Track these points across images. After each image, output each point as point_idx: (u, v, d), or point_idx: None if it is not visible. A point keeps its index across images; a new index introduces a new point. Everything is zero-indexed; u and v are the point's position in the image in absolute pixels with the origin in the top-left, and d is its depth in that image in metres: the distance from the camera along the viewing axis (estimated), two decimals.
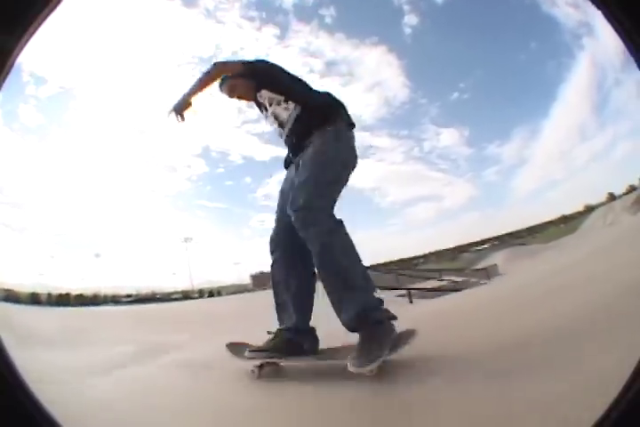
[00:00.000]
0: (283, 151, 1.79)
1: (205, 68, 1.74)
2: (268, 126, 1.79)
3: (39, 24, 0.59)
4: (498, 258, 13.36)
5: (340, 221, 1.42)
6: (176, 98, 1.68)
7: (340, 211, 1.54)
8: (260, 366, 1.46)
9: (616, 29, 0.57)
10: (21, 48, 0.57)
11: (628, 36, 0.56)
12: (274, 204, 1.74)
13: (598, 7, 0.57)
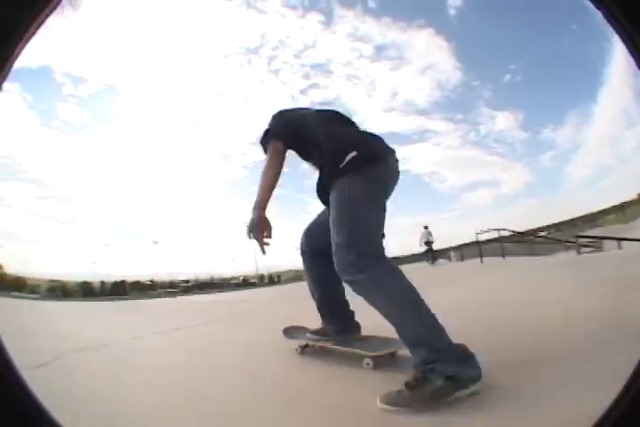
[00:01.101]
0: None
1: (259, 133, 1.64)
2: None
3: (39, 24, 0.59)
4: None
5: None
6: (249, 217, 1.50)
7: (398, 196, 1.54)
8: (304, 346, 1.84)
9: (616, 29, 0.56)
10: (22, 47, 0.57)
11: (628, 36, 0.56)
12: None
13: (598, 7, 0.57)
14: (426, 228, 12.32)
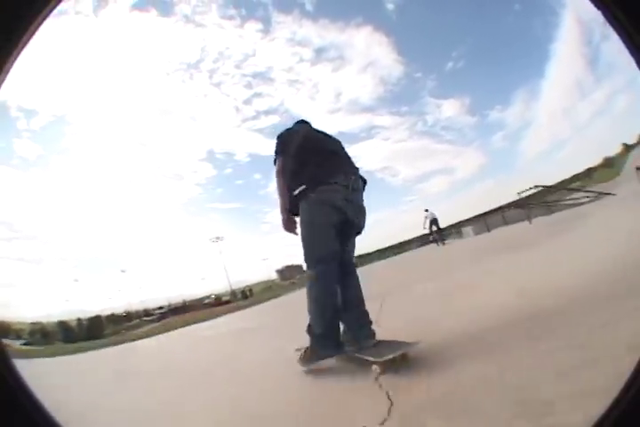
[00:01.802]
0: None
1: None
2: (269, 121, 2.04)
3: (39, 25, 0.59)
4: None
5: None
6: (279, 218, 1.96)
7: None
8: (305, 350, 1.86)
9: (616, 29, 0.56)
10: (22, 48, 0.57)
11: (628, 35, 0.56)
12: None
13: (598, 7, 0.57)
14: (426, 210, 12.29)
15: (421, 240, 12.46)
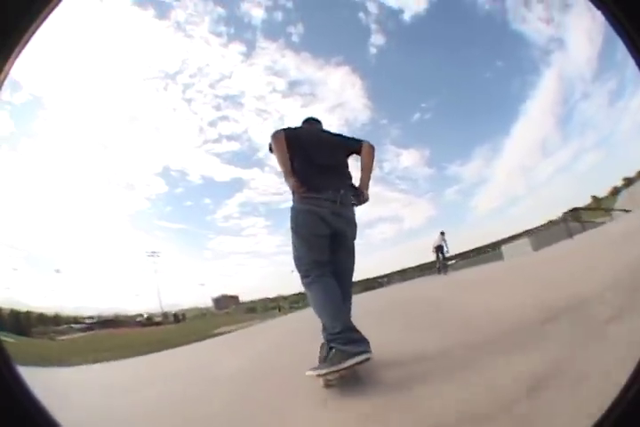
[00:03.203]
0: (243, 173, 2.09)
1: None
2: (230, 147, 2.05)
3: (39, 25, 0.59)
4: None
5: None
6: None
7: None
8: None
9: (616, 29, 0.56)
10: (22, 48, 0.57)
11: (628, 36, 0.56)
12: (234, 226, 2.02)
13: (598, 7, 0.57)
14: (442, 233, 11.74)
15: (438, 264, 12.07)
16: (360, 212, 1.99)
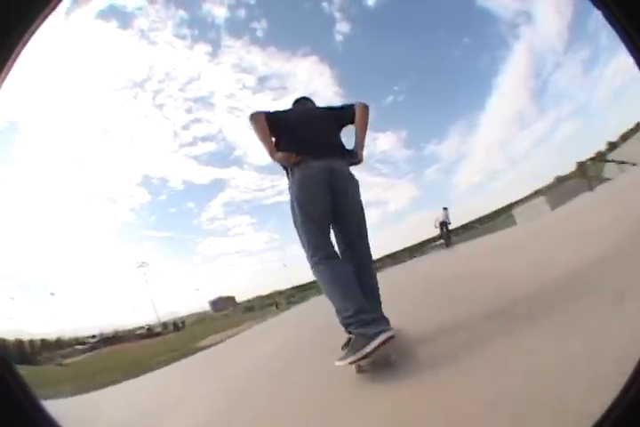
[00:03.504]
0: (222, 172, 2.03)
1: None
2: (206, 148, 2.07)
3: (39, 24, 0.59)
4: None
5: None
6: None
7: (288, 228, 1.87)
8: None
9: (616, 29, 0.56)
10: (22, 48, 0.57)
11: (628, 35, 0.56)
12: (220, 227, 1.98)
13: (598, 7, 0.57)
14: (445, 209, 12.08)
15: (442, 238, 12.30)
16: None
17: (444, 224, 11.98)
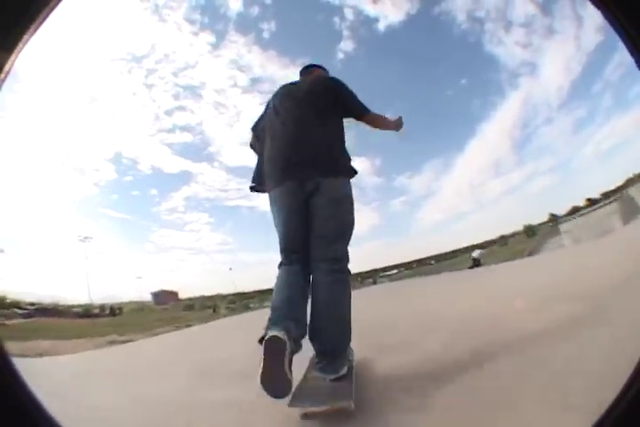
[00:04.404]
0: (192, 166, 1.99)
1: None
2: (182, 138, 1.98)
3: (39, 24, 0.59)
4: None
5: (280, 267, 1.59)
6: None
7: (243, 233, 1.54)
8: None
9: (616, 29, 0.56)
10: (22, 47, 0.57)
11: (628, 35, 0.56)
12: (177, 220, 1.79)
13: (598, 7, 0.57)
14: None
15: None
16: None
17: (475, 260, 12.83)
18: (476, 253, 13.63)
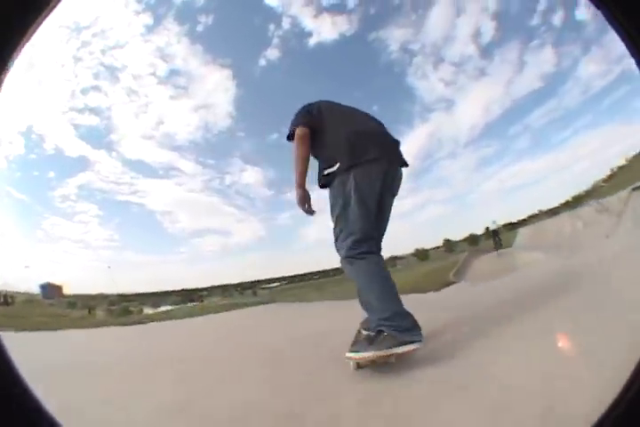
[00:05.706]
0: (92, 152, 1.77)
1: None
2: (89, 120, 1.86)
3: (39, 24, 0.59)
4: None
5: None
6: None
7: (130, 231, 1.45)
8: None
9: (616, 29, 0.56)
10: (22, 47, 0.57)
11: (628, 35, 0.56)
12: (68, 208, 1.56)
13: (598, 7, 0.57)
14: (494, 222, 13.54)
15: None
16: (192, 218, 1.73)
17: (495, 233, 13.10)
18: None
